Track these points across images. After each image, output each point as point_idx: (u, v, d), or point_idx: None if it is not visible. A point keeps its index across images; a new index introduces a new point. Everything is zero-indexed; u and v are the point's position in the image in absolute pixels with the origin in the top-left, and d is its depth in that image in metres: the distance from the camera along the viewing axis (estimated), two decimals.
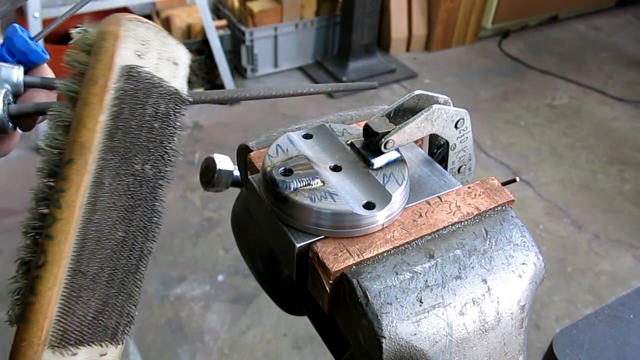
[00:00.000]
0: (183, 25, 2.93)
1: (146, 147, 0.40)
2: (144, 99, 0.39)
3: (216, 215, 2.35)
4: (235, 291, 2.05)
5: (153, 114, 0.40)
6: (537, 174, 2.69)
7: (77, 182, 0.36)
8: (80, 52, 0.38)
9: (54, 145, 0.37)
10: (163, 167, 0.41)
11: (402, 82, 3.35)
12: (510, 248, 0.50)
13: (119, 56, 0.37)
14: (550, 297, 2.08)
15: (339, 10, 3.31)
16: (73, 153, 0.36)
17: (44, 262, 0.35)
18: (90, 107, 0.37)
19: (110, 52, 0.37)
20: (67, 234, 0.36)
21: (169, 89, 0.40)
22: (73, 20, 2.17)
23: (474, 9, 3.65)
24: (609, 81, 3.47)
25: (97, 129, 0.37)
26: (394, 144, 0.51)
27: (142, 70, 0.38)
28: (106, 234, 0.38)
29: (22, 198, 2.36)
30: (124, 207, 0.39)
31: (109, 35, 0.37)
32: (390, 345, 0.43)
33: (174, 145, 0.42)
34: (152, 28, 0.40)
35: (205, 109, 2.99)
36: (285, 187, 0.48)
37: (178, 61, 0.42)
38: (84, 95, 0.37)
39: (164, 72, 0.40)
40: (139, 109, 0.39)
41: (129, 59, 0.38)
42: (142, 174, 0.40)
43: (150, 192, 0.41)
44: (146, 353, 1.83)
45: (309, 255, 0.48)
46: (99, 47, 0.37)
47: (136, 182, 0.39)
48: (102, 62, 0.37)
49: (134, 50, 0.38)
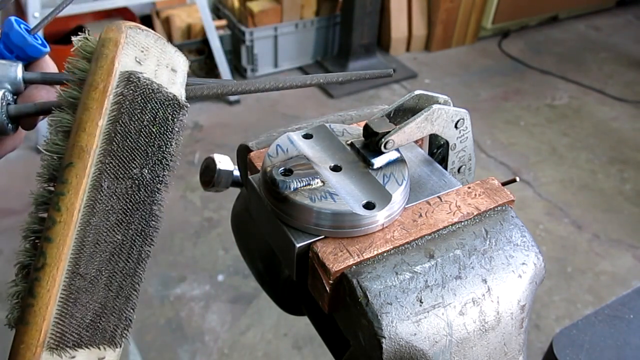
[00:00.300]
0: (183, 25, 2.93)
1: (145, 151, 0.40)
2: (142, 105, 0.39)
3: (216, 215, 2.35)
4: (235, 291, 2.05)
5: (151, 119, 0.40)
6: (537, 174, 2.69)
7: (76, 186, 0.37)
8: (80, 60, 0.39)
9: (54, 150, 0.38)
10: (161, 171, 0.42)
11: (402, 82, 3.35)
12: (510, 248, 0.50)
13: (119, 62, 0.38)
14: (550, 297, 2.08)
15: (339, 10, 3.31)
16: (72, 156, 0.37)
17: (42, 265, 0.36)
18: (90, 111, 0.37)
19: (111, 58, 0.38)
20: (66, 237, 0.36)
21: (167, 95, 0.41)
22: (74, 20, 2.18)
23: (474, 9, 3.65)
24: (609, 81, 3.47)
25: (96, 133, 0.37)
26: (394, 144, 0.51)
27: (141, 76, 0.39)
28: (104, 237, 0.39)
29: (22, 198, 2.36)
30: (123, 210, 0.39)
31: (110, 42, 0.38)
32: (390, 345, 0.43)
33: (172, 150, 0.42)
34: (151, 35, 0.40)
35: (205, 108, 2.99)
36: (285, 187, 0.48)
37: (176, 68, 0.43)
38: (84, 100, 0.37)
39: (163, 78, 0.41)
40: (137, 114, 0.39)
41: (129, 65, 0.39)
42: (141, 177, 0.40)
43: (149, 195, 0.41)
44: (146, 353, 1.83)
45: (309, 255, 0.48)
46: (99, 54, 0.38)
47: (134, 186, 0.40)
48: (103, 67, 0.38)
49: (133, 56, 0.39)
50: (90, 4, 2.53)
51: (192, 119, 2.90)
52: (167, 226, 2.25)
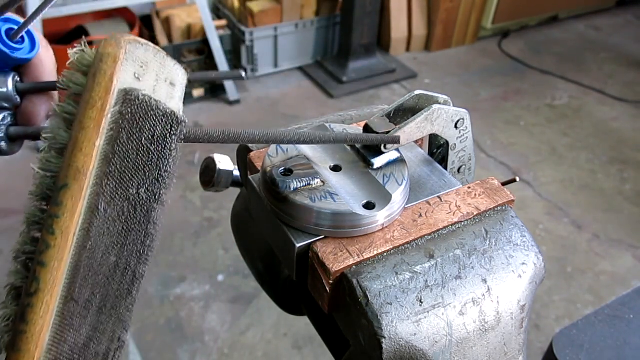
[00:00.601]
0: (183, 25, 2.93)
1: (142, 170, 0.39)
2: (141, 123, 0.38)
3: (216, 215, 2.35)
4: (235, 291, 2.05)
5: (150, 137, 0.39)
6: (537, 174, 2.69)
7: (72, 208, 0.35)
8: (76, 73, 0.37)
9: (48, 169, 0.36)
10: (158, 190, 0.41)
11: (402, 82, 3.35)
12: (510, 248, 0.50)
13: (117, 79, 0.36)
14: (550, 297, 2.08)
15: (339, 10, 3.31)
16: (68, 178, 0.35)
17: (36, 290, 0.35)
18: (87, 131, 0.36)
19: (109, 75, 0.36)
20: (61, 262, 0.35)
21: (165, 111, 0.40)
22: (74, 20, 2.19)
23: (474, 9, 3.65)
24: (609, 81, 3.47)
25: (93, 154, 0.36)
26: (394, 144, 0.51)
27: (140, 93, 0.38)
28: (99, 259, 0.37)
29: (22, 198, 2.36)
30: (118, 232, 0.38)
31: (108, 58, 0.36)
32: (390, 345, 0.43)
33: (170, 167, 0.41)
34: (151, 49, 0.39)
35: (205, 108, 2.99)
36: (285, 187, 0.48)
37: (175, 82, 0.41)
38: (80, 118, 0.36)
39: (161, 93, 0.40)
40: (136, 132, 0.38)
41: (128, 81, 0.37)
42: (137, 197, 0.39)
43: (145, 215, 0.40)
44: (146, 353, 1.83)
45: (309, 255, 0.48)
46: (97, 69, 0.36)
47: (131, 207, 0.39)
48: (101, 85, 0.36)
49: (132, 72, 0.38)
50: (90, 4, 2.53)
51: (192, 118, 2.90)
52: (167, 226, 2.25)
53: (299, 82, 3.31)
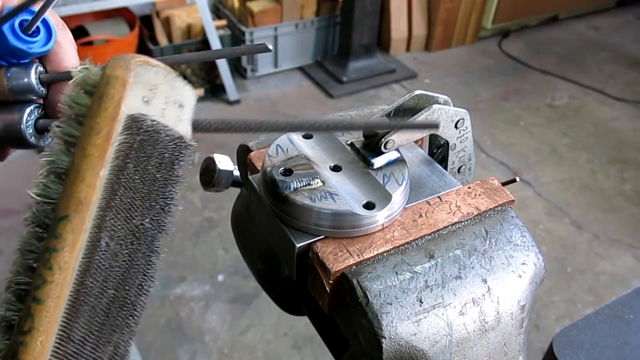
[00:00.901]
0: (183, 25, 2.93)
1: (147, 200, 0.36)
2: (149, 151, 0.35)
3: (216, 215, 2.35)
4: (235, 291, 2.05)
5: (157, 164, 0.36)
6: (537, 174, 2.69)
7: (72, 243, 0.32)
8: (80, 92, 0.35)
9: (46, 194, 0.34)
10: (163, 219, 0.38)
11: (402, 82, 3.35)
12: (510, 248, 0.50)
13: (125, 105, 0.34)
14: (550, 297, 2.08)
15: (339, 10, 3.31)
16: (69, 209, 0.33)
17: (30, 329, 0.32)
18: (90, 159, 0.33)
19: (117, 101, 0.33)
20: (58, 299, 0.32)
21: (173, 136, 0.37)
22: (74, 19, 2.20)
23: (474, 9, 3.65)
24: (609, 81, 3.47)
25: (97, 185, 0.33)
26: (394, 144, 0.51)
27: (148, 119, 0.35)
28: (97, 295, 0.34)
29: (22, 198, 2.36)
30: (119, 265, 0.35)
31: (116, 81, 0.33)
32: (390, 345, 0.43)
33: (175, 194, 0.38)
34: (161, 71, 0.36)
35: (205, 108, 2.99)
36: (285, 187, 0.48)
37: (184, 103, 0.38)
38: (84, 144, 0.33)
39: (170, 117, 0.37)
40: (143, 161, 0.35)
41: (136, 106, 0.34)
42: (141, 229, 0.36)
43: (148, 246, 0.37)
44: (146, 353, 1.83)
45: (309, 255, 0.48)
46: (103, 93, 0.33)
47: (134, 239, 0.36)
48: (107, 110, 0.33)
49: (141, 97, 0.35)
50: (90, 4, 2.53)
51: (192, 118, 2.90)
52: None
53: (299, 82, 3.31)
